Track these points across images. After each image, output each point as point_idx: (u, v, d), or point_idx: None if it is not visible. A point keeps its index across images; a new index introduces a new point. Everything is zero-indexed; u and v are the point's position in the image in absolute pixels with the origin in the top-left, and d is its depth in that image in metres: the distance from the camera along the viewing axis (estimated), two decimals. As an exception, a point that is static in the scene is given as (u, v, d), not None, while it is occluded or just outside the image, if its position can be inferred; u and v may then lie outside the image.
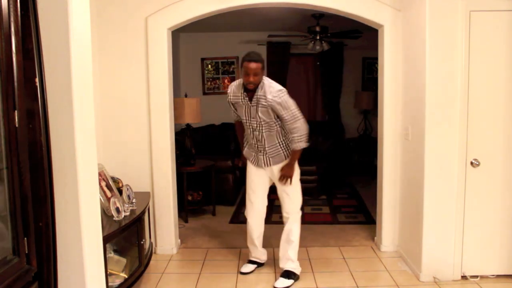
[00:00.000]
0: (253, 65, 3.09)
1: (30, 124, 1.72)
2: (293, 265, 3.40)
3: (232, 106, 3.45)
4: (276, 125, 3.26)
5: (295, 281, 3.35)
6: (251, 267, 3.58)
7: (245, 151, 3.53)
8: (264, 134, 3.28)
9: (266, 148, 3.32)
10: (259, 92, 3.18)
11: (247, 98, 3.24)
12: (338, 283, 3.35)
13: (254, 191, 3.47)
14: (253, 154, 3.43)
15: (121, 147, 3.80)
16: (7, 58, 1.57)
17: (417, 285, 3.29)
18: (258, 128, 3.28)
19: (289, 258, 3.40)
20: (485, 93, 3.16)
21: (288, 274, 3.36)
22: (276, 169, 3.37)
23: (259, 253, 3.61)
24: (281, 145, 3.33)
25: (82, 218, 2.01)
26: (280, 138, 3.32)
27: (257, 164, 3.41)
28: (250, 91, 3.21)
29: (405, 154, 3.68)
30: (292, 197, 3.40)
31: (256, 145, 3.37)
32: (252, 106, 3.23)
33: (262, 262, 3.64)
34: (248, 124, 3.33)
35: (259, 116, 3.22)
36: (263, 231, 3.57)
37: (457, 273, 3.30)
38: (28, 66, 1.69)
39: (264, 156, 3.35)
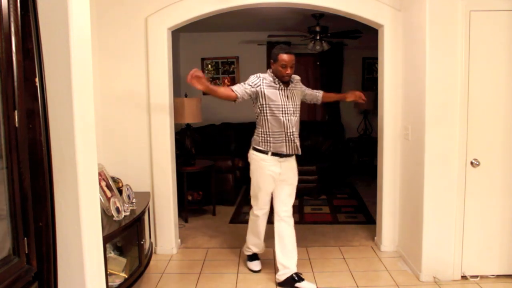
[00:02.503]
0: (291, 57, 3.18)
1: (30, 124, 1.72)
2: None
3: (253, 93, 3.22)
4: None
5: None
6: (259, 263, 3.62)
7: (273, 146, 3.26)
8: (297, 119, 3.33)
9: (296, 133, 3.32)
10: (292, 81, 3.35)
11: (283, 85, 3.28)
12: (338, 283, 3.35)
13: (268, 194, 3.38)
14: (287, 144, 3.26)
15: (121, 147, 3.80)
16: (7, 58, 1.57)
17: (417, 285, 3.29)
18: (294, 113, 3.30)
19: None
20: (485, 93, 3.16)
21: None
22: (292, 161, 3.39)
23: (262, 246, 3.64)
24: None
25: (82, 218, 2.01)
26: None
27: (292, 151, 3.30)
28: (285, 83, 3.28)
29: (405, 154, 3.68)
30: (293, 194, 3.42)
31: (288, 133, 3.25)
32: (289, 90, 3.30)
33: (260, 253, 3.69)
34: (283, 111, 3.23)
35: (296, 102, 3.33)
36: None
37: (457, 273, 3.30)
38: (28, 66, 1.69)
39: (298, 142, 3.33)
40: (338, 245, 4.14)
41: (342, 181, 6.63)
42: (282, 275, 3.29)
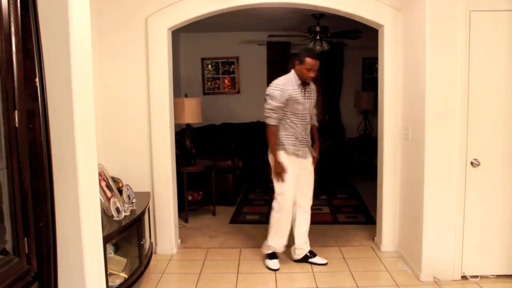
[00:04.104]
0: (317, 62, 3.45)
1: (30, 124, 1.72)
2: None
3: (282, 104, 3.43)
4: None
5: None
6: (278, 262, 3.68)
7: (291, 149, 3.51)
8: (310, 124, 3.61)
9: (308, 138, 3.59)
10: (311, 86, 3.58)
11: (303, 91, 3.50)
12: (338, 283, 3.35)
13: (294, 192, 3.60)
14: (302, 148, 3.55)
15: (121, 147, 3.80)
16: (7, 58, 1.57)
17: (417, 285, 3.29)
18: (308, 119, 3.55)
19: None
20: (485, 93, 3.16)
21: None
22: (309, 157, 3.65)
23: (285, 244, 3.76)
24: None
25: (82, 218, 2.01)
26: None
27: (305, 156, 3.57)
28: (305, 84, 3.50)
29: (405, 154, 3.68)
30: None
31: (304, 138, 3.54)
32: (307, 98, 3.52)
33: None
34: (301, 117, 3.51)
35: (311, 108, 3.56)
36: None
37: (457, 273, 3.30)
38: (28, 66, 1.69)
39: (309, 147, 3.62)
40: (338, 245, 4.14)
41: (342, 181, 6.63)
42: (299, 255, 3.71)
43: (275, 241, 3.65)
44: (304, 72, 3.43)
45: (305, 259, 3.70)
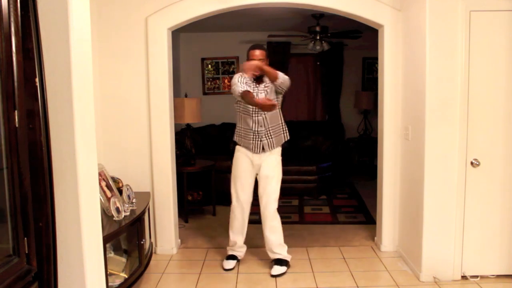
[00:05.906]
0: (258, 51, 3.45)
1: (30, 124, 1.72)
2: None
3: (240, 83, 3.47)
4: (278, 105, 3.48)
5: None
6: (232, 263, 3.67)
7: (239, 140, 3.63)
8: (267, 115, 3.47)
9: (270, 129, 3.50)
10: (267, 80, 3.47)
11: (255, 83, 3.50)
12: (338, 283, 3.35)
13: (244, 184, 3.63)
14: (253, 142, 3.51)
15: (121, 147, 3.80)
16: (7, 58, 1.57)
17: (417, 285, 3.29)
18: (258, 114, 3.47)
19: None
20: (485, 93, 3.16)
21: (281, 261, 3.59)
22: (270, 157, 3.54)
23: (242, 248, 3.72)
24: (282, 126, 3.60)
25: (82, 218, 2.01)
26: (281, 119, 3.60)
27: (260, 150, 3.51)
28: (258, 78, 3.45)
29: (405, 154, 3.68)
30: (271, 188, 3.61)
31: (257, 132, 3.49)
32: (260, 91, 3.47)
33: (240, 257, 3.75)
34: (251, 109, 3.46)
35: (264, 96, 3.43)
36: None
37: (457, 273, 3.30)
38: (28, 66, 1.69)
39: (268, 139, 3.49)
40: (338, 245, 4.14)
41: (342, 181, 6.63)
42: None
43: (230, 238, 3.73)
44: None
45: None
